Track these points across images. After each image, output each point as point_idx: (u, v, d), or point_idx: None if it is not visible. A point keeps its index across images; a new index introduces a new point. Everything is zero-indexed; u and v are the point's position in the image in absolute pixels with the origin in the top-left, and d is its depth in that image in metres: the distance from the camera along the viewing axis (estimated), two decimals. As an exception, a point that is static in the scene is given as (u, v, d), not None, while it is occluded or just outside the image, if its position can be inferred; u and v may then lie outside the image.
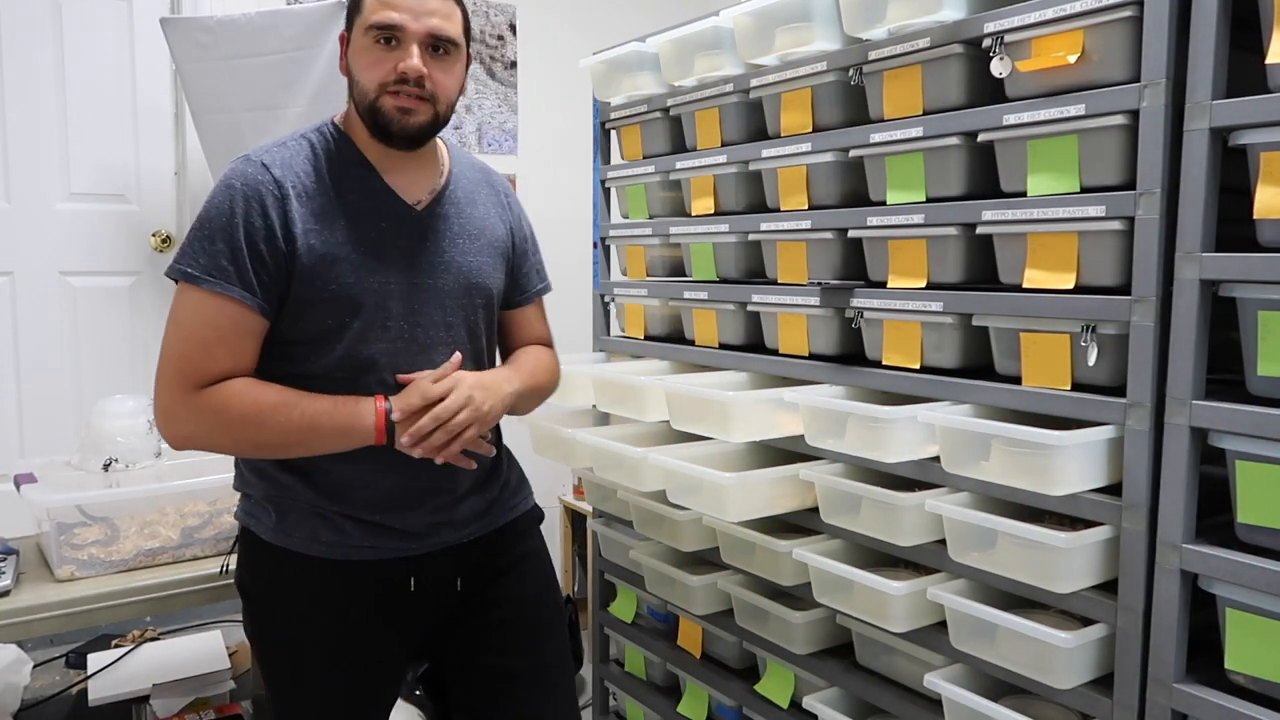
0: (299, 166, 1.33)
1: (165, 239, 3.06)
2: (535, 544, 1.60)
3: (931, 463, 1.54)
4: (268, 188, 1.29)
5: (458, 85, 1.37)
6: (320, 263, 1.30)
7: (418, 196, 1.40)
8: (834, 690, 1.76)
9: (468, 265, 1.43)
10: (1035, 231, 1.43)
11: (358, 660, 1.41)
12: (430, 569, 1.44)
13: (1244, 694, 1.22)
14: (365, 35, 1.30)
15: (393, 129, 1.31)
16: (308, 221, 1.30)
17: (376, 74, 1.30)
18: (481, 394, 1.33)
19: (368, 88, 1.31)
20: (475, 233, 1.45)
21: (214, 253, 1.27)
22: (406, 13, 1.28)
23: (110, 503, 1.80)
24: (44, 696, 2.52)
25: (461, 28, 1.36)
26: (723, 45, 1.92)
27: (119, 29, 2.96)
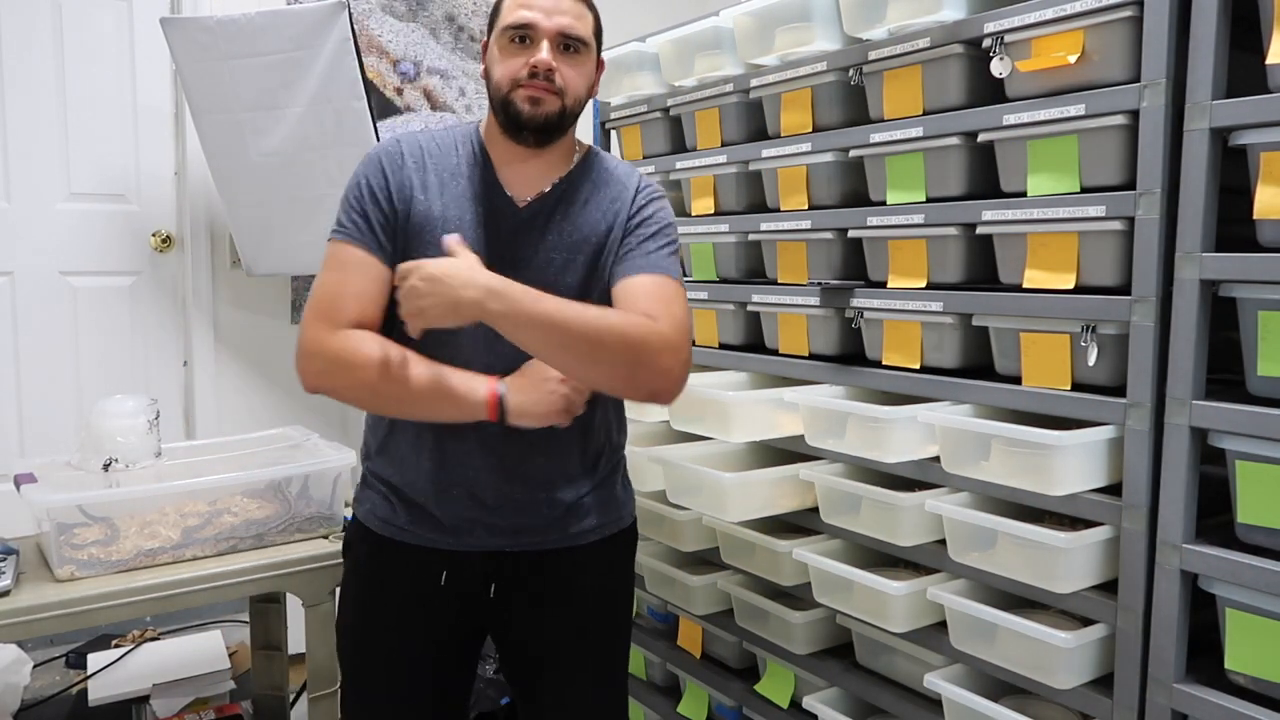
0: (428, 147, 1.43)
1: (165, 239, 3.06)
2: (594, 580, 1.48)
3: (931, 463, 1.54)
4: (390, 155, 1.42)
5: (587, 84, 1.41)
6: (425, 225, 1.38)
7: (530, 194, 1.42)
8: (834, 690, 1.76)
9: (549, 264, 1.40)
10: (1035, 231, 1.43)
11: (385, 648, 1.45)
12: (463, 568, 1.43)
13: (1244, 694, 1.22)
14: (502, 36, 1.37)
15: (523, 119, 1.36)
16: (418, 189, 1.39)
17: (510, 69, 1.36)
18: (427, 286, 1.23)
19: (501, 82, 1.37)
20: (570, 234, 1.41)
21: (347, 211, 1.41)
22: (540, 12, 1.35)
23: (110, 503, 1.79)
24: (44, 696, 2.52)
25: (592, 29, 1.41)
26: (723, 45, 1.92)
27: (119, 29, 2.96)
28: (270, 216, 2.72)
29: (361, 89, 2.46)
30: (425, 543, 1.42)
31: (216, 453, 2.10)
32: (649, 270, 1.38)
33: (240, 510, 1.90)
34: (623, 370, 1.28)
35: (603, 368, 1.28)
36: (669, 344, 1.30)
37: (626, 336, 1.27)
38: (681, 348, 1.33)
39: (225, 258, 3.06)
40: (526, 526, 1.43)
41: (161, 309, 3.08)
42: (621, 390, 1.36)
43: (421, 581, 1.43)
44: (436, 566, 1.42)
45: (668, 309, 1.34)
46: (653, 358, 1.28)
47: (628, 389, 1.34)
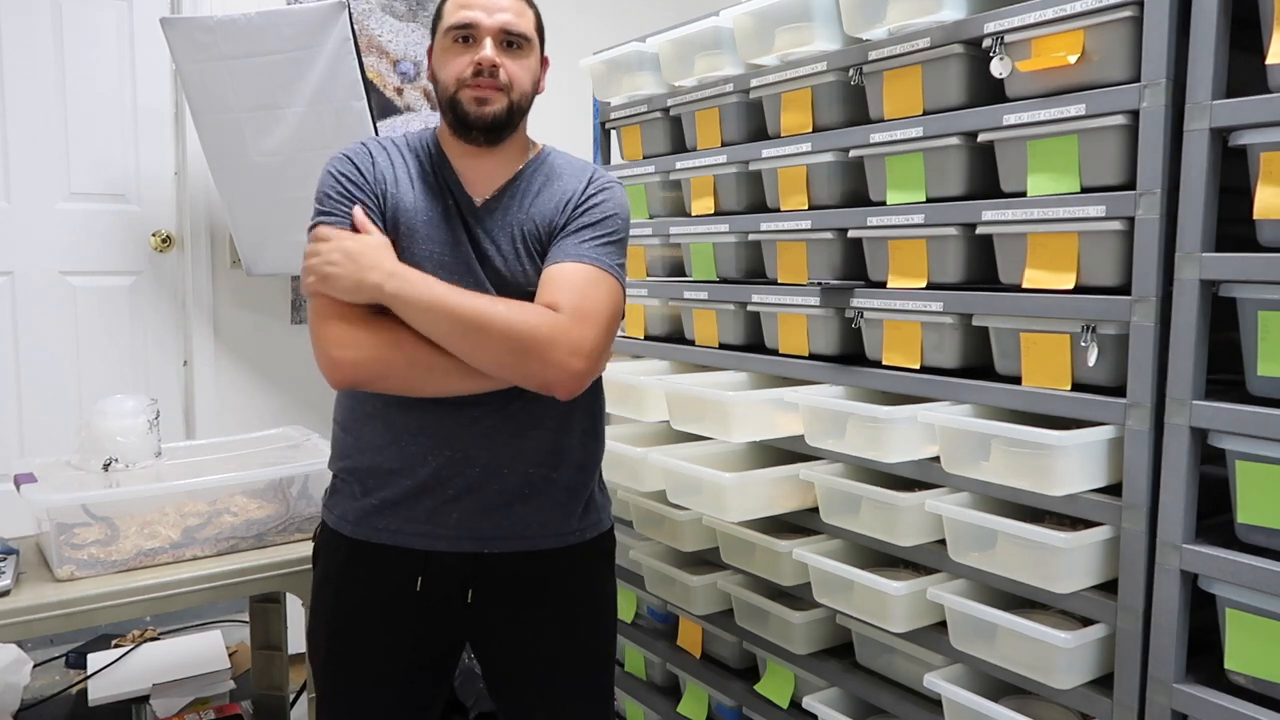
0: (389, 147, 1.46)
1: (165, 239, 3.06)
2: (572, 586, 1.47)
3: (931, 463, 1.54)
4: (358, 153, 1.43)
5: (531, 78, 1.43)
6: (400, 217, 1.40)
7: (485, 192, 1.44)
8: (834, 690, 1.76)
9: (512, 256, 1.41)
10: (1035, 231, 1.43)
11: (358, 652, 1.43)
12: (439, 571, 1.40)
13: (1244, 694, 1.22)
14: (445, 37, 1.39)
15: (470, 119, 1.38)
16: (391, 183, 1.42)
17: (455, 69, 1.38)
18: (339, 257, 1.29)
19: (448, 83, 1.39)
20: (524, 224, 1.42)
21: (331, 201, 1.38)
22: (480, 10, 1.37)
23: (110, 503, 1.79)
24: (44, 696, 2.52)
25: (534, 26, 1.43)
26: (723, 45, 1.92)
27: (119, 29, 2.96)
28: (270, 216, 2.72)
29: (361, 89, 2.46)
30: (399, 541, 1.39)
31: (216, 453, 2.10)
32: (574, 259, 1.36)
33: (240, 510, 1.90)
34: (509, 360, 1.29)
35: (490, 354, 1.29)
36: (563, 335, 1.28)
37: (511, 326, 1.27)
38: (581, 340, 1.29)
39: (225, 258, 3.06)
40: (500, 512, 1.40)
41: (161, 309, 3.08)
42: (514, 379, 1.32)
43: (397, 587, 1.40)
44: (411, 570, 1.39)
45: (578, 299, 1.32)
46: (541, 350, 1.27)
47: (518, 378, 1.31)
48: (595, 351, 1.32)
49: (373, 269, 1.29)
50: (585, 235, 1.39)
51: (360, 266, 1.29)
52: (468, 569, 1.40)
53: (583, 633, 1.48)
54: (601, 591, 1.53)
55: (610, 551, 1.54)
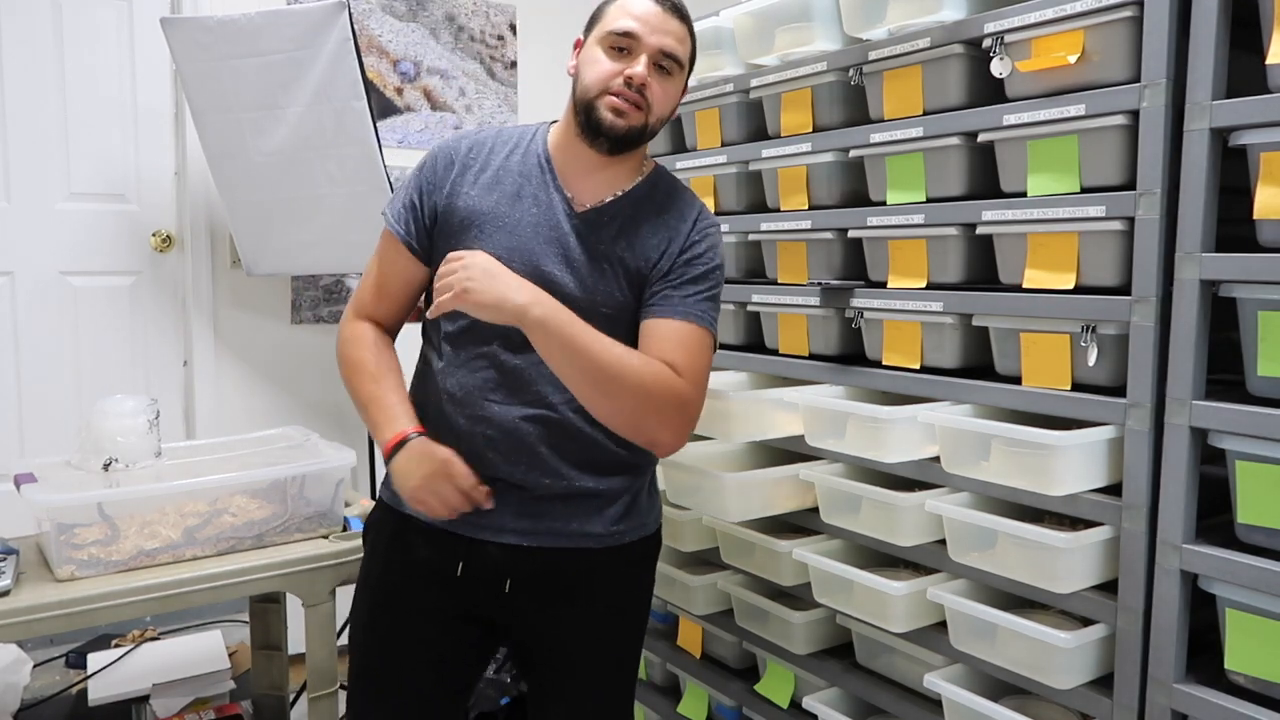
0: (490, 143, 1.46)
1: (165, 239, 3.06)
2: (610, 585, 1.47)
3: (931, 463, 1.54)
4: (448, 150, 1.46)
5: (672, 105, 1.42)
6: (459, 225, 1.41)
7: (587, 202, 1.42)
8: (834, 690, 1.76)
9: (590, 274, 1.39)
10: (1035, 231, 1.43)
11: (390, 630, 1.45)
12: (478, 558, 1.41)
13: (1244, 694, 1.22)
14: (603, 40, 1.37)
15: (603, 127, 1.36)
16: (467, 185, 1.42)
17: (603, 74, 1.36)
18: (479, 273, 1.29)
19: (590, 85, 1.37)
20: (622, 249, 1.40)
21: (398, 197, 1.48)
22: (645, 25, 1.35)
23: (110, 503, 1.80)
24: (44, 696, 2.52)
25: (690, 53, 1.42)
26: (723, 45, 1.92)
27: (119, 29, 2.96)
28: (270, 217, 2.72)
29: (361, 89, 2.46)
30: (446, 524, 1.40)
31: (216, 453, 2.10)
32: (685, 317, 1.37)
33: (240, 510, 1.90)
34: (630, 412, 1.32)
35: (613, 403, 1.31)
36: (682, 401, 1.34)
37: (643, 381, 1.30)
38: (693, 405, 1.36)
39: (225, 258, 3.06)
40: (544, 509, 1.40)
41: (161, 309, 3.08)
42: (625, 431, 1.35)
43: (438, 567, 1.43)
44: (454, 553, 1.42)
45: (692, 363, 1.36)
46: (662, 409, 1.32)
47: (631, 431, 1.35)
48: (699, 417, 1.39)
49: (520, 290, 1.29)
50: (691, 290, 1.39)
51: (507, 285, 1.29)
52: (508, 560, 1.41)
53: (611, 633, 1.50)
54: (636, 594, 1.53)
55: (652, 555, 1.53)
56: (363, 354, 1.46)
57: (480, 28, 3.36)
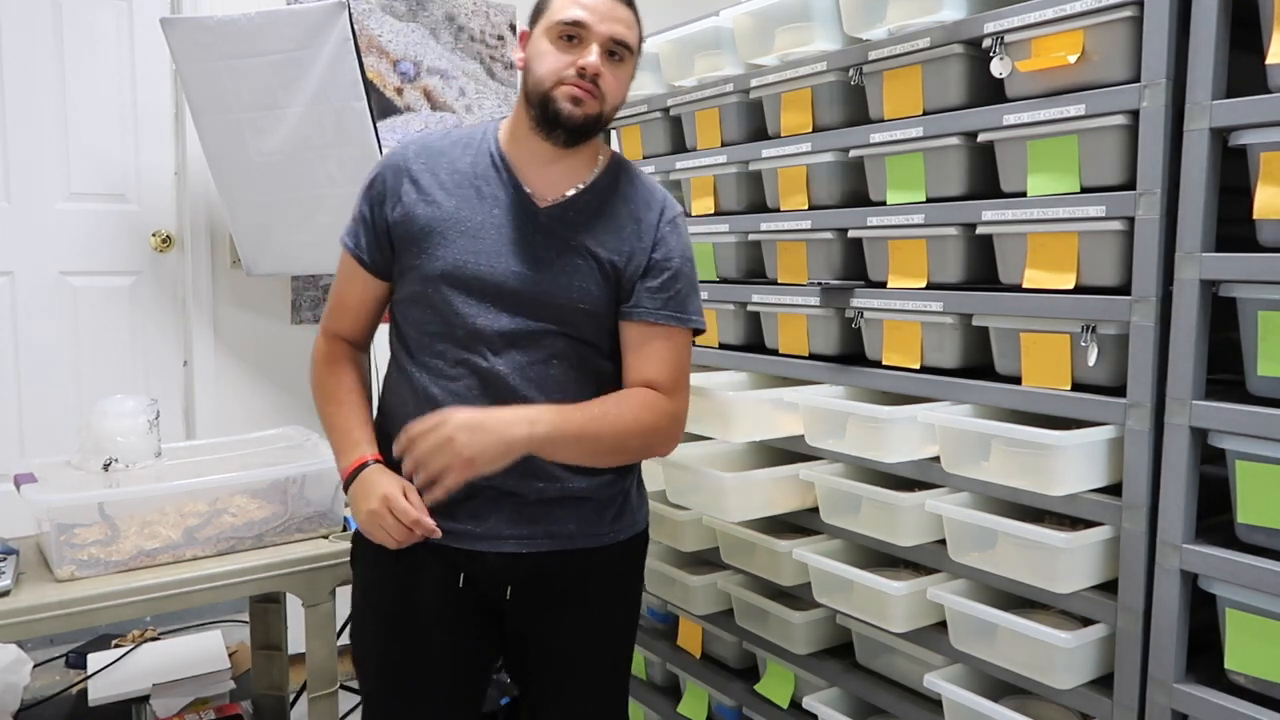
0: (441, 148, 1.45)
1: (165, 239, 3.06)
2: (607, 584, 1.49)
3: (931, 463, 1.54)
4: (394, 160, 1.45)
5: (625, 92, 1.42)
6: (420, 233, 1.40)
7: (551, 196, 1.41)
8: (834, 690, 1.76)
9: (565, 270, 1.39)
10: (1035, 231, 1.43)
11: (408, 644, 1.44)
12: (478, 569, 1.42)
13: (1244, 694, 1.22)
14: (550, 30, 1.36)
15: (561, 117, 1.35)
16: (420, 194, 1.41)
17: (555, 66, 1.35)
18: (468, 436, 1.25)
19: (544, 77, 1.36)
20: (592, 244, 1.40)
21: (353, 215, 1.48)
22: (594, 14, 1.34)
23: (110, 503, 1.80)
24: (44, 696, 2.52)
25: (638, 38, 1.41)
26: (723, 45, 1.92)
27: (119, 29, 2.96)
28: (270, 216, 2.72)
29: (361, 89, 2.46)
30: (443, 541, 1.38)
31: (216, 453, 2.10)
32: (666, 320, 1.42)
33: (240, 510, 1.90)
34: (636, 453, 1.46)
35: (622, 458, 1.43)
36: (673, 418, 1.43)
37: (643, 429, 1.39)
38: (682, 414, 1.45)
39: (225, 258, 3.06)
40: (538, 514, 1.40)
41: (161, 309, 3.08)
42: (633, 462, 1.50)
43: (442, 585, 1.42)
44: (454, 569, 1.41)
45: (673, 374, 1.43)
46: (661, 438, 1.43)
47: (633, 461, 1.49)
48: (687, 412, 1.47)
49: (513, 424, 1.28)
50: (672, 289, 1.43)
51: (498, 427, 1.27)
52: (508, 567, 1.41)
53: (607, 631, 1.52)
54: (629, 591, 1.56)
55: (643, 551, 1.55)
56: (325, 377, 1.49)
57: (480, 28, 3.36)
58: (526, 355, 1.38)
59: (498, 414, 1.29)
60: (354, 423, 1.45)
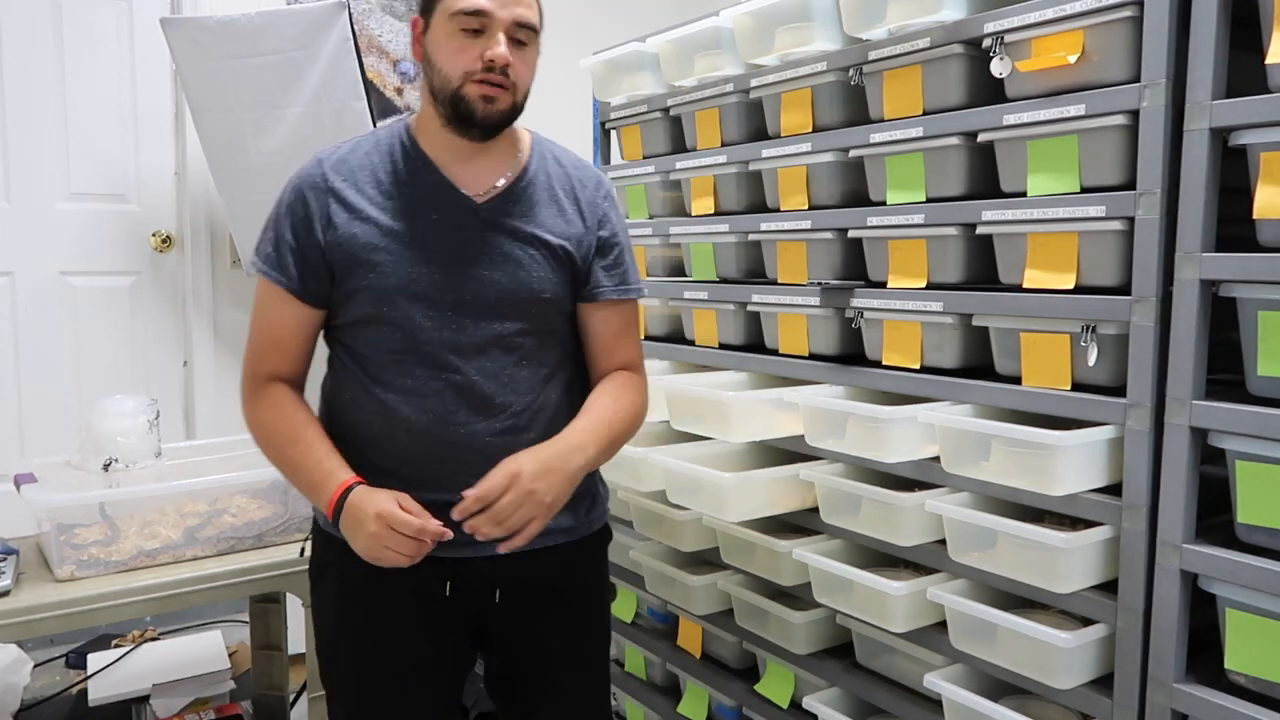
0: (356, 160, 1.38)
1: (165, 239, 3.06)
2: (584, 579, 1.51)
3: (931, 463, 1.54)
4: (315, 179, 1.37)
5: (532, 75, 1.37)
6: (362, 252, 1.33)
7: (482, 189, 1.37)
8: (834, 690, 1.76)
9: (521, 263, 1.37)
10: (1035, 231, 1.43)
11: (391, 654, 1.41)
12: (466, 574, 1.40)
13: (1244, 694, 1.22)
14: (450, 22, 1.28)
15: (476, 117, 1.31)
16: (351, 212, 1.34)
17: (461, 61, 1.29)
18: (545, 483, 1.27)
19: (451, 75, 1.29)
20: (533, 231, 1.39)
21: (266, 241, 1.38)
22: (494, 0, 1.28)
23: (110, 503, 1.80)
24: (44, 696, 2.52)
25: (540, 16, 1.36)
26: (723, 45, 1.92)
27: (119, 29, 2.96)
28: (270, 216, 2.72)
29: (361, 89, 2.46)
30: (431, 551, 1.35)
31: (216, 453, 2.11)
32: (624, 295, 1.48)
33: (240, 510, 1.90)
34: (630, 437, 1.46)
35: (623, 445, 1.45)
36: (645, 386, 1.50)
37: (639, 417, 1.46)
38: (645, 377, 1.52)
39: (225, 258, 3.06)
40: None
41: (161, 309, 3.08)
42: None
43: (427, 594, 1.39)
44: (441, 577, 1.38)
45: (638, 346, 1.53)
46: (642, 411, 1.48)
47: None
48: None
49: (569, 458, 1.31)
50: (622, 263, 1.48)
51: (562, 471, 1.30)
52: (495, 570, 1.39)
53: (589, 623, 1.53)
54: (603, 582, 1.57)
55: (608, 541, 1.57)
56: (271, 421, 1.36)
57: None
58: (497, 361, 1.36)
59: (552, 451, 1.31)
60: (321, 454, 1.34)
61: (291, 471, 1.37)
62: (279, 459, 1.37)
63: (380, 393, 1.35)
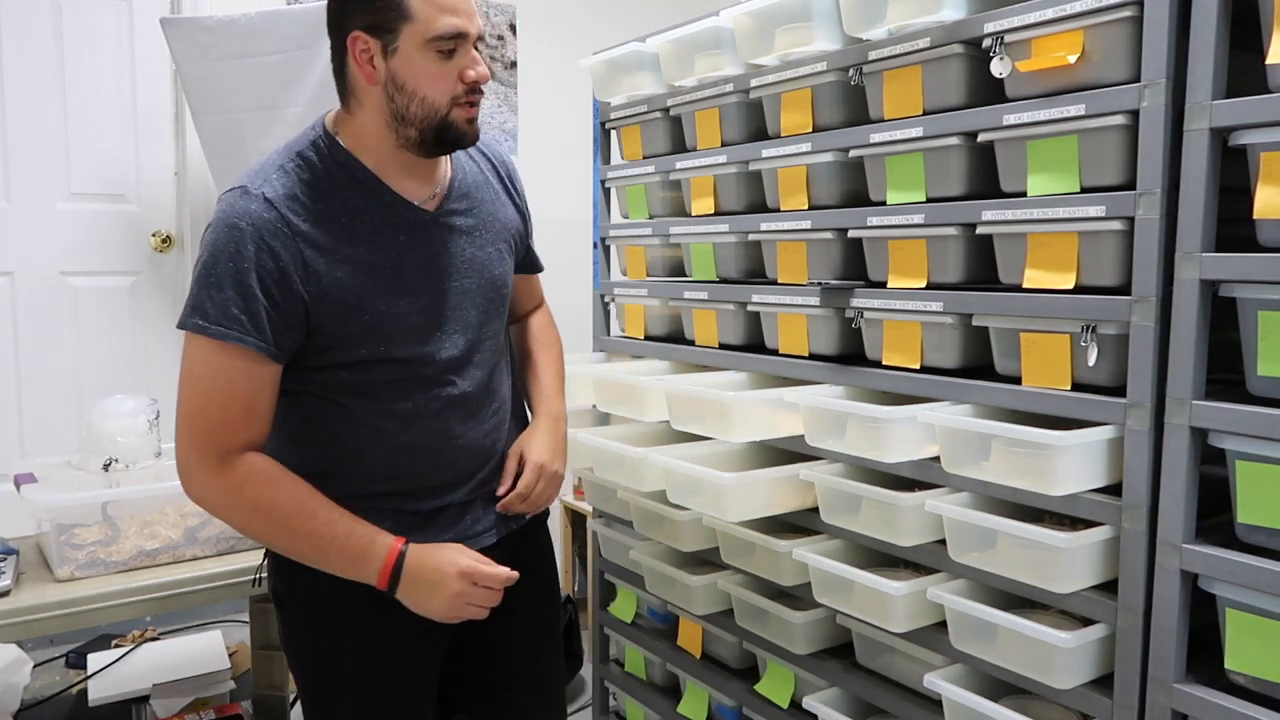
0: (303, 195, 1.24)
1: (165, 239, 3.06)
2: (547, 547, 1.62)
3: (931, 463, 1.54)
4: (274, 226, 1.21)
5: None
6: (350, 295, 1.25)
7: (425, 196, 1.33)
8: (834, 690, 1.76)
9: (486, 259, 1.39)
10: (1035, 231, 1.43)
11: (393, 671, 1.39)
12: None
13: (1244, 694, 1.22)
14: (425, 48, 1.21)
15: (464, 140, 1.28)
16: (327, 255, 1.24)
17: (444, 87, 1.23)
18: (559, 462, 1.48)
19: (438, 103, 1.24)
20: (488, 223, 1.40)
21: (223, 301, 1.19)
22: (466, 17, 1.23)
23: (110, 503, 1.80)
24: (44, 696, 2.52)
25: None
26: (723, 45, 1.92)
27: (119, 29, 2.96)
28: (270, 216, 2.72)
29: (361, 89, 2.46)
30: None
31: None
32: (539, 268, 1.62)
33: (240, 510, 1.89)
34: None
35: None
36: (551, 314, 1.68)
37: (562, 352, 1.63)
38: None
39: (225, 258, 3.06)
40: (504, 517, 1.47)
41: (161, 309, 3.08)
42: None
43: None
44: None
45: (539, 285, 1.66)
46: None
47: None
48: None
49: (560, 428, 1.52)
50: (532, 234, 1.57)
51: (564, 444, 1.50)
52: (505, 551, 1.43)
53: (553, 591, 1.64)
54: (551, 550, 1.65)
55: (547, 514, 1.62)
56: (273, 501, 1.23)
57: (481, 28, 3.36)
58: (483, 368, 1.40)
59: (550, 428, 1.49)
60: (347, 521, 1.25)
61: (314, 549, 1.25)
62: (291, 539, 1.25)
63: (378, 421, 1.31)
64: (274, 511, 1.23)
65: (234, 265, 1.19)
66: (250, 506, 1.24)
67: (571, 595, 3.37)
